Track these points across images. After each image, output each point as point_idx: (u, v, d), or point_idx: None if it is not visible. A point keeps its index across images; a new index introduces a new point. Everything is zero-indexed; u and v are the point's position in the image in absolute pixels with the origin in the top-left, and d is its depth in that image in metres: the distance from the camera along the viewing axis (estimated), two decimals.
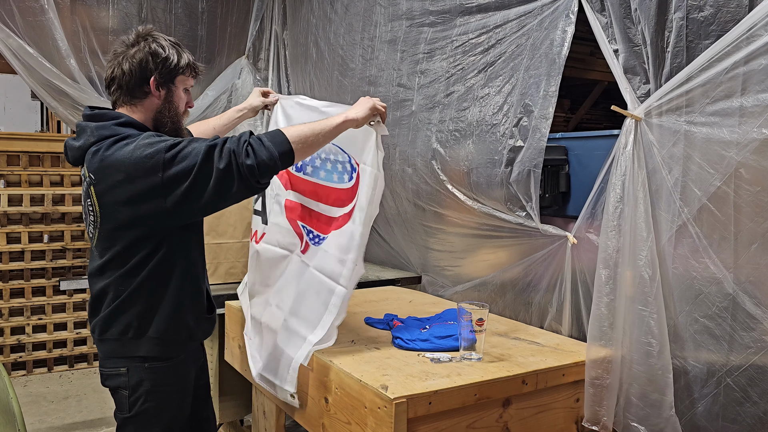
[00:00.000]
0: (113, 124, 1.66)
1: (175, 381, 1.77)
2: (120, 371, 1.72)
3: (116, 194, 1.61)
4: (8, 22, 2.93)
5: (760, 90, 1.40)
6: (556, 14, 1.94)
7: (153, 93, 1.72)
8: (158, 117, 1.74)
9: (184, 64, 1.75)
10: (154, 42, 1.71)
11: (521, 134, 2.02)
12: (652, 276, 1.61)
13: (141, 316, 1.70)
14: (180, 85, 1.76)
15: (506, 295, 2.25)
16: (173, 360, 1.75)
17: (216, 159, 1.55)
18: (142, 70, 1.69)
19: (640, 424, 1.64)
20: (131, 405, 1.71)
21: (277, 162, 1.60)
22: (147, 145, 1.58)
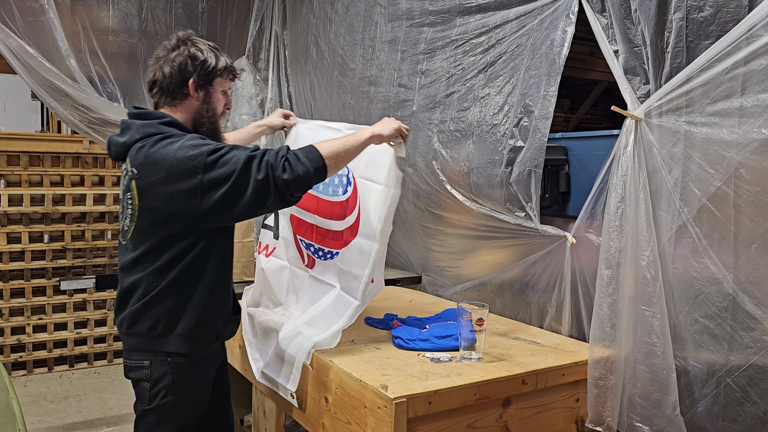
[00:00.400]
0: (158, 123, 1.74)
1: (195, 377, 1.81)
2: (143, 363, 1.77)
3: (156, 190, 1.66)
4: (8, 22, 2.93)
5: (760, 90, 1.40)
6: (556, 14, 1.94)
7: (192, 94, 1.79)
8: (197, 117, 1.81)
9: (221, 67, 1.82)
10: (193, 46, 1.79)
11: (521, 134, 2.02)
12: (654, 276, 1.61)
13: (171, 312, 1.74)
14: (218, 87, 1.83)
15: (506, 295, 2.25)
16: (196, 357, 1.79)
17: (255, 170, 1.61)
18: (181, 72, 1.76)
19: (643, 424, 1.64)
20: (151, 397, 1.76)
21: (312, 177, 1.65)
22: (191, 146, 1.63)
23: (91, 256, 4.38)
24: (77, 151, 4.25)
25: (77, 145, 4.23)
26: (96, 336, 4.41)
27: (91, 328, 4.39)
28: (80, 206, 4.29)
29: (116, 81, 3.30)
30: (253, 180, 1.60)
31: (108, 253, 4.43)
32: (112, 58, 3.29)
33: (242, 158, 1.61)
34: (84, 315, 4.37)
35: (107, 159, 4.39)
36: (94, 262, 4.39)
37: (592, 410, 1.72)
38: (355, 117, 2.93)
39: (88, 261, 4.36)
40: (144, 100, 3.41)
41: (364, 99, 2.86)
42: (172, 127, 1.74)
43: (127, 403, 3.73)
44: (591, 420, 1.73)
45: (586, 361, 1.76)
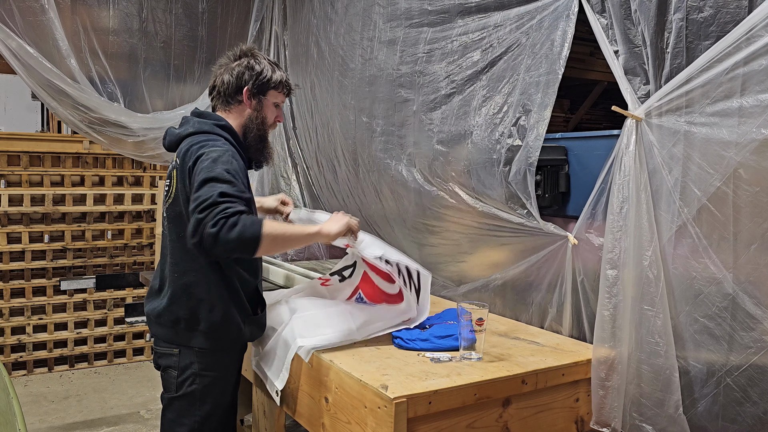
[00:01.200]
0: (213, 123, 1.89)
1: (221, 368, 1.88)
2: (173, 351, 1.85)
3: (182, 184, 1.79)
4: (8, 21, 2.93)
5: (759, 90, 1.41)
6: (556, 15, 1.94)
7: (245, 102, 1.93)
8: (247, 123, 1.94)
9: (276, 80, 1.95)
10: (252, 58, 1.94)
11: (519, 134, 2.03)
12: (656, 276, 1.61)
13: (191, 310, 1.82)
14: (271, 99, 1.97)
15: (507, 295, 2.25)
16: (222, 348, 1.86)
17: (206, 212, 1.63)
18: (238, 80, 1.92)
19: (647, 424, 1.64)
20: (179, 385, 1.84)
21: (235, 250, 1.65)
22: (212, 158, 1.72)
23: (91, 256, 4.38)
24: (77, 151, 4.25)
25: (77, 145, 4.24)
26: (96, 336, 4.41)
27: (92, 328, 4.39)
28: (80, 206, 4.29)
29: (116, 81, 3.30)
30: (194, 217, 1.63)
31: (108, 253, 4.43)
32: (113, 58, 3.29)
33: (211, 198, 1.64)
34: (84, 315, 4.37)
35: (107, 159, 4.40)
36: (95, 262, 4.39)
37: (598, 412, 1.72)
38: (356, 117, 2.93)
39: (88, 261, 4.36)
40: (143, 100, 3.42)
41: (365, 99, 2.86)
42: (224, 131, 1.87)
43: (127, 403, 3.74)
44: (597, 421, 1.72)
45: (586, 361, 1.76)
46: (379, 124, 2.77)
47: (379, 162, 2.80)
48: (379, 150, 2.79)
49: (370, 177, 2.91)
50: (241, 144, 1.93)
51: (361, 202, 3.07)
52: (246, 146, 1.95)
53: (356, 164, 3.00)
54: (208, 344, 1.83)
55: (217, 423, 1.89)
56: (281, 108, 2.03)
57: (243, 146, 1.93)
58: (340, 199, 3.29)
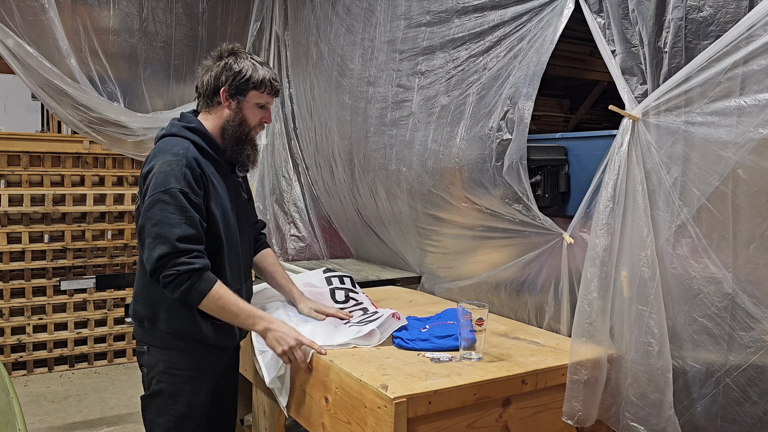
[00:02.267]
0: (182, 126, 1.86)
1: (191, 368, 1.85)
2: (143, 349, 1.86)
3: (140, 187, 1.81)
4: (7, 21, 2.93)
5: (758, 90, 1.41)
6: (552, 14, 1.94)
7: (224, 103, 1.88)
8: (225, 125, 1.89)
9: (256, 80, 1.87)
10: (233, 57, 1.88)
11: (509, 127, 2.03)
12: (651, 276, 1.61)
13: (151, 309, 1.81)
14: (252, 100, 1.89)
15: (504, 294, 2.25)
16: (192, 349, 1.84)
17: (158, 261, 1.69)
18: (216, 80, 1.87)
19: (639, 424, 1.64)
20: (148, 383, 1.85)
21: (183, 299, 1.74)
22: (164, 172, 1.72)
23: (91, 256, 4.38)
24: (77, 151, 4.25)
25: (77, 145, 4.23)
26: (96, 336, 4.41)
27: (92, 328, 4.39)
28: (80, 206, 4.29)
29: (116, 81, 3.30)
30: (152, 260, 1.69)
31: (108, 253, 4.43)
32: (113, 58, 3.29)
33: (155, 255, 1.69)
34: (84, 315, 4.37)
35: (107, 159, 4.40)
36: (95, 262, 4.39)
37: (567, 403, 1.72)
38: (353, 117, 2.93)
39: (88, 261, 4.36)
40: (143, 100, 3.42)
41: (361, 99, 2.86)
42: (192, 133, 1.84)
43: (127, 403, 3.74)
44: (564, 412, 1.72)
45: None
46: (375, 124, 2.77)
47: (374, 162, 2.80)
48: (373, 150, 2.79)
49: (365, 177, 2.91)
50: (216, 147, 1.88)
51: (357, 202, 3.08)
52: (223, 149, 1.90)
53: (352, 164, 3.01)
54: (170, 344, 1.82)
55: (195, 424, 1.86)
56: (268, 109, 1.95)
57: (219, 149, 1.89)
58: (338, 200, 3.29)
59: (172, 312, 1.79)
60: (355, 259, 3.35)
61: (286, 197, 3.73)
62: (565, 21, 1.89)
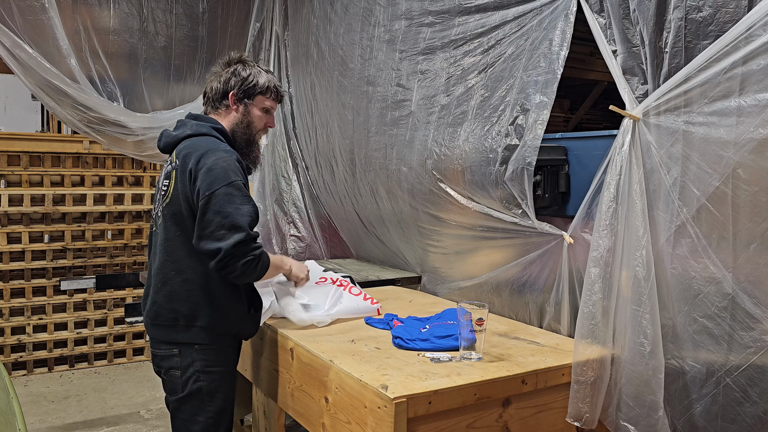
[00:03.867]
0: (211, 126, 1.95)
1: (225, 363, 1.91)
2: (173, 351, 1.87)
3: (182, 185, 1.83)
4: (7, 21, 2.92)
5: (758, 90, 1.41)
6: (555, 15, 1.94)
7: (232, 106, 2.00)
8: (233, 128, 2.00)
9: (263, 85, 2.01)
10: (241, 65, 2.01)
11: (517, 132, 2.02)
12: (645, 276, 1.61)
13: (190, 306, 1.85)
14: (258, 104, 2.02)
15: (505, 294, 2.25)
16: (223, 344, 1.90)
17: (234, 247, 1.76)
18: (225, 85, 1.99)
19: (630, 424, 1.64)
20: (183, 384, 1.86)
21: (253, 277, 1.88)
22: (222, 167, 1.80)
23: (91, 256, 4.38)
24: (77, 151, 4.25)
25: (77, 145, 4.24)
26: (96, 336, 4.41)
27: (92, 328, 4.39)
28: (80, 206, 4.29)
29: (116, 81, 3.30)
30: (224, 250, 1.75)
31: (108, 253, 4.43)
32: (113, 58, 3.29)
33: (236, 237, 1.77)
34: (84, 315, 4.37)
35: (107, 159, 4.40)
36: (95, 262, 4.39)
37: (572, 405, 1.72)
38: (354, 117, 2.93)
39: (88, 261, 4.36)
40: (143, 100, 3.42)
41: (362, 99, 2.86)
42: (219, 134, 1.94)
43: (127, 403, 3.74)
44: (570, 415, 1.73)
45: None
46: (376, 123, 2.77)
47: (375, 162, 2.80)
48: (374, 149, 2.79)
49: (366, 177, 2.91)
50: (233, 146, 1.98)
51: (357, 202, 3.08)
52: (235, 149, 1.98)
53: (353, 164, 3.00)
54: (208, 340, 1.86)
55: (229, 416, 1.93)
56: (272, 114, 2.08)
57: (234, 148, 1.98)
58: (338, 200, 3.29)
59: (212, 309, 1.86)
60: (355, 259, 3.35)
61: (285, 197, 3.72)
62: (572, 25, 1.88)
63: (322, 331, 2.02)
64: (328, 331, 2.01)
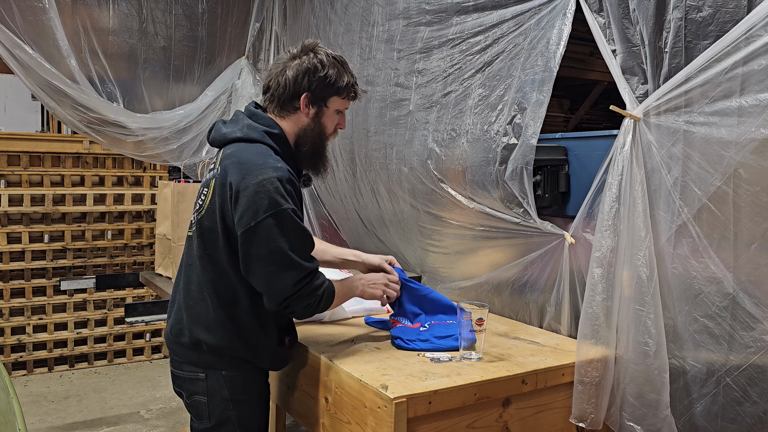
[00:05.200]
0: (264, 130, 1.67)
1: (254, 392, 1.74)
2: (198, 376, 1.69)
3: (221, 199, 1.61)
4: (8, 21, 2.93)
5: (759, 90, 1.41)
6: (553, 14, 1.94)
7: (302, 110, 1.70)
8: (302, 134, 1.72)
9: (341, 85, 1.71)
10: (315, 57, 1.69)
11: (515, 132, 2.02)
12: (649, 276, 1.61)
13: (212, 330, 1.66)
14: (332, 106, 1.73)
15: (505, 294, 2.25)
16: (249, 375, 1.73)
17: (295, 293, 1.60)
18: (296, 84, 1.68)
19: (636, 424, 1.64)
20: (211, 413, 1.69)
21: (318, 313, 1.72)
22: (268, 192, 1.56)
23: (91, 256, 4.38)
24: (77, 151, 4.25)
25: (77, 145, 4.24)
26: (96, 336, 4.42)
27: (92, 328, 4.39)
28: (80, 206, 4.29)
29: (116, 81, 3.30)
30: (288, 287, 1.59)
31: (108, 253, 4.43)
32: (112, 59, 3.29)
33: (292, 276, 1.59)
34: (84, 315, 4.37)
35: (107, 159, 4.40)
36: (95, 262, 4.39)
37: (577, 406, 1.72)
38: (353, 117, 2.93)
39: (88, 261, 4.36)
40: (143, 100, 3.42)
41: (361, 98, 2.86)
42: (275, 140, 1.68)
43: (128, 403, 3.74)
44: (574, 416, 1.72)
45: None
46: (375, 123, 2.77)
47: (375, 161, 2.80)
48: (374, 149, 2.79)
49: (367, 176, 2.91)
50: (292, 154, 1.73)
51: (357, 202, 3.07)
52: (298, 158, 1.75)
53: (353, 164, 3.00)
54: (232, 370, 1.69)
55: None
56: (344, 114, 1.79)
57: (294, 157, 1.74)
58: (338, 200, 3.29)
59: (230, 333, 1.66)
60: None
61: None
62: (570, 24, 1.88)
63: (322, 331, 2.02)
64: (328, 331, 2.01)
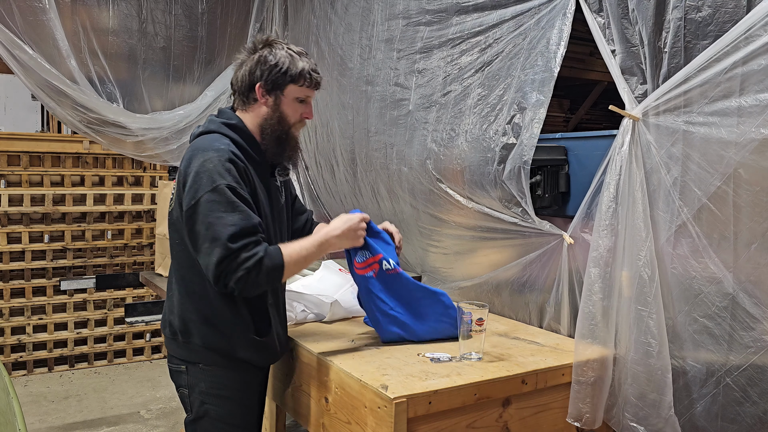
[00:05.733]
0: (221, 122, 1.74)
1: (238, 387, 1.73)
2: (181, 368, 1.73)
3: (177, 189, 1.68)
4: (8, 22, 2.93)
5: (758, 90, 1.41)
6: (553, 14, 1.94)
7: (260, 100, 1.74)
8: (264, 124, 1.75)
9: (294, 72, 1.72)
10: (268, 49, 1.73)
11: (514, 131, 2.02)
12: (651, 276, 1.61)
13: (185, 321, 1.70)
14: (290, 94, 1.75)
15: (505, 294, 2.25)
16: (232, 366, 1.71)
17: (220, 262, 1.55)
18: (251, 76, 1.73)
19: (638, 424, 1.64)
20: (192, 406, 1.73)
21: (263, 288, 1.66)
22: (207, 171, 1.59)
23: (91, 256, 4.38)
24: (77, 151, 4.25)
25: (77, 145, 4.24)
26: (96, 336, 4.42)
27: (92, 328, 4.39)
28: (80, 206, 4.29)
29: (116, 81, 3.30)
30: (211, 267, 1.56)
31: (108, 253, 4.43)
32: (112, 59, 3.29)
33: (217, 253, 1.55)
34: (84, 315, 4.37)
35: (107, 159, 4.40)
36: (95, 262, 4.39)
37: (573, 406, 1.72)
38: (354, 117, 2.93)
39: (88, 261, 4.36)
40: (143, 101, 3.42)
41: (361, 98, 2.86)
42: (232, 130, 1.72)
43: (127, 403, 3.74)
44: (570, 415, 1.72)
45: None
46: (375, 123, 2.77)
47: (375, 161, 2.80)
48: (375, 149, 2.79)
49: (367, 176, 2.91)
50: (257, 147, 1.76)
51: (358, 202, 3.08)
52: (263, 150, 1.78)
53: (354, 164, 3.00)
54: (211, 360, 1.69)
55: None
56: (309, 103, 1.80)
57: (260, 150, 1.77)
58: (338, 200, 3.29)
59: (207, 325, 1.67)
60: None
61: None
62: (570, 24, 1.88)
63: (323, 330, 2.02)
64: (328, 331, 2.01)
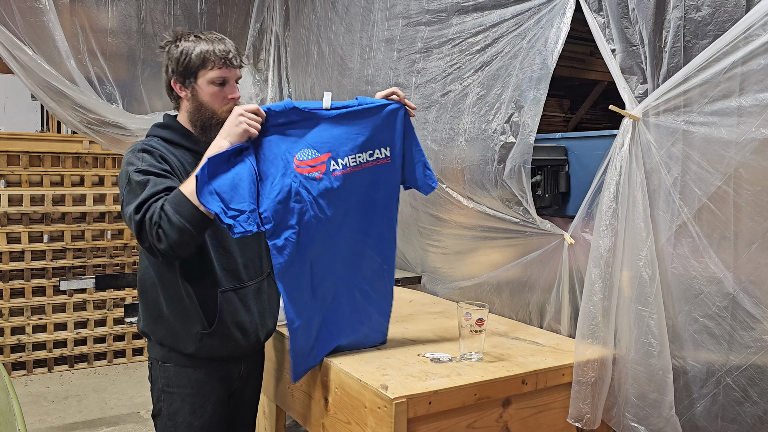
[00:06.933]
0: (154, 124, 1.75)
1: (190, 385, 1.70)
2: (149, 364, 1.77)
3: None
4: (8, 22, 2.93)
5: (758, 90, 1.40)
6: (553, 13, 1.94)
7: (180, 95, 1.72)
8: (192, 117, 1.72)
9: (198, 58, 1.65)
10: (173, 44, 1.69)
11: (513, 130, 2.02)
12: (651, 276, 1.61)
13: (145, 318, 1.74)
14: (204, 79, 1.67)
15: (505, 294, 2.25)
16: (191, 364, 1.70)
17: (139, 237, 1.54)
18: (166, 76, 1.72)
19: (639, 424, 1.64)
20: (153, 402, 1.75)
21: (193, 233, 1.52)
22: (128, 161, 1.63)
23: (91, 256, 4.38)
24: (77, 151, 4.25)
25: (77, 145, 4.23)
26: (96, 336, 4.41)
27: (91, 328, 4.39)
28: (80, 206, 4.29)
29: (115, 82, 3.30)
30: (140, 243, 1.56)
31: (108, 253, 4.43)
32: (111, 60, 3.28)
33: (132, 220, 1.52)
34: (84, 315, 4.37)
35: (107, 159, 4.40)
36: (94, 262, 4.39)
37: (573, 406, 1.72)
38: None
39: (88, 261, 4.36)
40: (142, 101, 3.42)
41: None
42: (161, 129, 1.73)
43: (127, 403, 3.74)
44: (571, 415, 1.72)
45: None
46: None
47: None
48: None
49: None
50: (191, 138, 1.72)
51: None
52: (198, 141, 1.72)
53: None
54: (166, 358, 1.69)
55: None
56: (231, 83, 1.70)
57: (195, 140, 1.72)
58: None
59: (159, 320, 1.68)
60: None
61: None
62: (569, 22, 1.88)
63: None
64: None
